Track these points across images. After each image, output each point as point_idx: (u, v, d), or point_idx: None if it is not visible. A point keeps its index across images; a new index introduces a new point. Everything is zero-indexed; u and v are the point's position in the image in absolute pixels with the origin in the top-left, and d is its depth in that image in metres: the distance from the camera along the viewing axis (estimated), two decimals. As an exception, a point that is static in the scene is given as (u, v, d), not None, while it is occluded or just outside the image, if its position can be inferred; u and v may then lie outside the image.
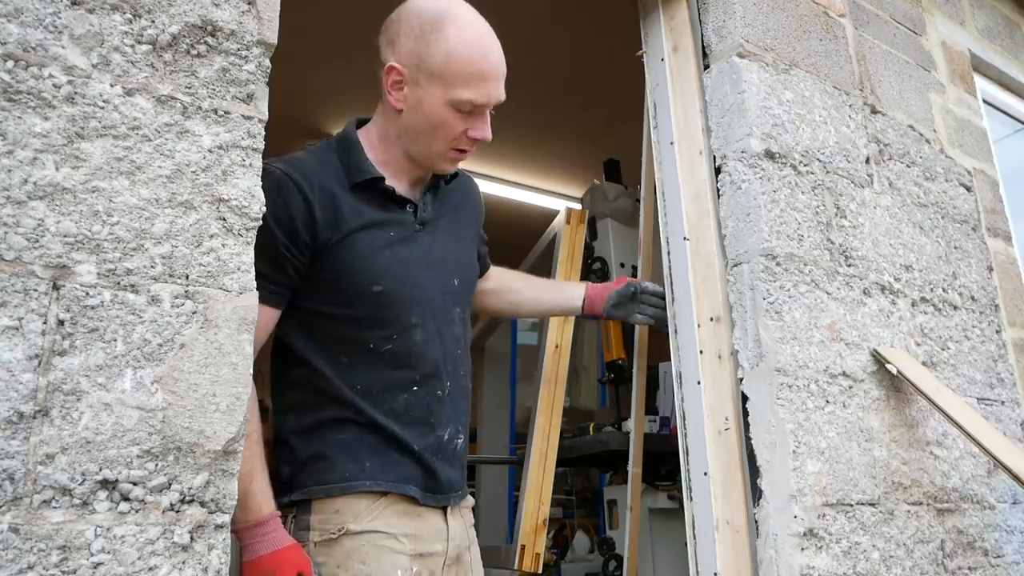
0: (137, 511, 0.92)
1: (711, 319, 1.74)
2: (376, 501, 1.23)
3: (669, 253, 1.85)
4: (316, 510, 1.22)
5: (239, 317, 1.04)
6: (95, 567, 0.88)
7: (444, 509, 1.31)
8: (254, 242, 1.08)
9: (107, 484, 0.91)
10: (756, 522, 1.56)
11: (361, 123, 1.41)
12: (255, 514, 1.13)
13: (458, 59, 1.24)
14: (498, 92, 1.29)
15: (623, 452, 2.46)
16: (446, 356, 1.33)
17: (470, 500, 1.42)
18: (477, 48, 1.26)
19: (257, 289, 1.07)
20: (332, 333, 1.27)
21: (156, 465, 0.94)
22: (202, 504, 0.97)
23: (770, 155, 1.77)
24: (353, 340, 1.27)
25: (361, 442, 1.25)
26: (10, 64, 0.94)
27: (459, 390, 1.36)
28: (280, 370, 1.31)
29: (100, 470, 0.91)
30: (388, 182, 1.32)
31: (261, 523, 1.13)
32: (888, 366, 1.79)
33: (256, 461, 1.14)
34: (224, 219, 1.06)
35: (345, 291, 1.27)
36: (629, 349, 2.79)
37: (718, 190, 1.79)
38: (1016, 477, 1.61)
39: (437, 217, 1.39)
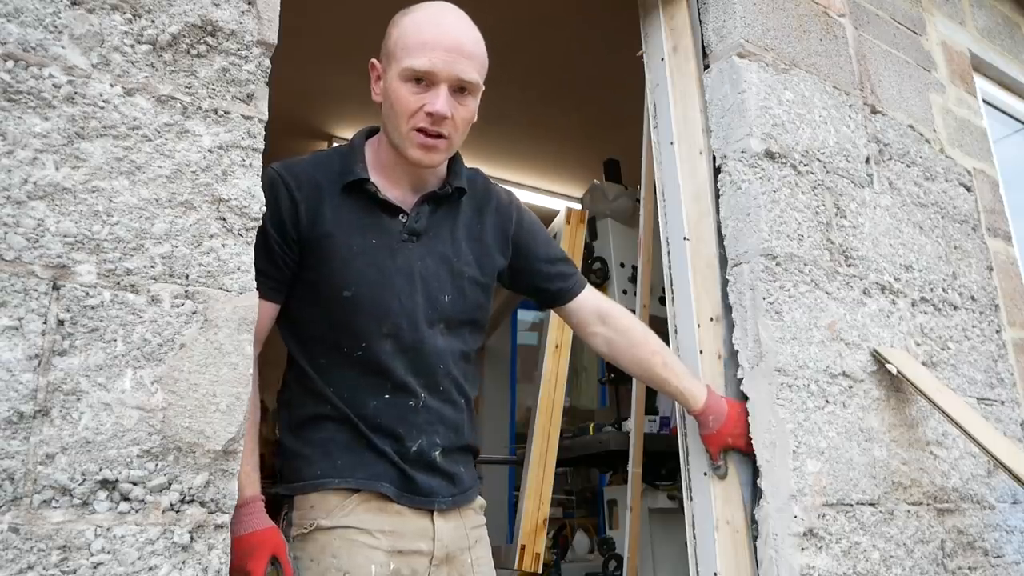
0: (137, 511, 0.92)
1: (711, 319, 1.74)
2: (348, 498, 1.25)
3: (669, 253, 1.85)
4: (296, 505, 1.26)
5: (239, 317, 1.04)
6: (95, 567, 0.88)
7: (430, 511, 1.30)
8: (253, 246, 1.08)
9: (107, 484, 0.91)
10: (756, 522, 1.56)
11: (373, 132, 1.41)
12: (237, 497, 1.14)
13: (406, 33, 1.28)
14: (448, 64, 1.25)
15: (623, 452, 2.46)
16: (421, 369, 1.31)
17: (480, 501, 1.41)
18: (426, 21, 1.28)
19: (257, 285, 1.08)
20: (312, 334, 1.30)
21: (156, 465, 0.94)
22: (202, 504, 0.97)
23: (770, 155, 1.77)
24: (329, 343, 1.29)
25: (336, 440, 1.27)
26: (10, 64, 0.94)
27: (440, 403, 1.33)
28: (285, 370, 1.35)
29: (100, 470, 0.91)
30: (384, 188, 1.32)
31: (241, 505, 1.14)
32: (888, 366, 1.79)
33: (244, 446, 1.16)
34: (224, 219, 1.06)
35: (321, 293, 1.29)
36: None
37: (718, 190, 1.79)
38: (1016, 477, 1.61)
39: (436, 228, 1.37)
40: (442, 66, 1.25)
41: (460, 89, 1.28)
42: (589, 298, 1.57)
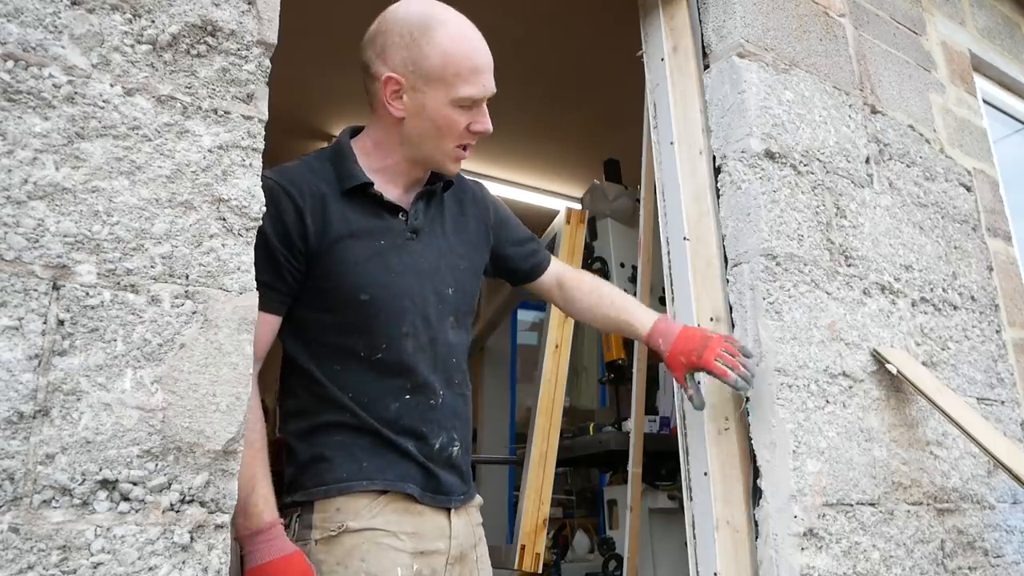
0: (137, 511, 0.92)
1: (711, 319, 1.74)
2: (375, 500, 1.24)
3: (669, 253, 1.85)
4: (318, 509, 1.23)
5: (239, 317, 1.04)
6: (95, 567, 0.88)
7: (448, 509, 1.31)
8: (253, 246, 1.08)
9: (107, 484, 0.91)
10: (756, 522, 1.56)
11: (356, 132, 1.41)
12: (256, 521, 1.13)
13: (454, 58, 1.28)
14: (492, 84, 1.33)
15: (623, 452, 2.46)
16: (438, 365, 1.33)
17: (479, 499, 1.42)
18: (468, 45, 1.30)
19: (261, 299, 1.07)
20: (325, 341, 1.29)
21: (156, 465, 0.94)
22: (202, 504, 0.97)
23: (770, 155, 1.77)
24: (344, 348, 1.28)
25: (359, 443, 1.26)
26: (10, 64, 0.94)
27: (454, 398, 1.35)
28: (284, 376, 1.33)
29: (100, 470, 0.91)
30: (380, 189, 1.33)
31: (263, 530, 1.13)
32: (888, 366, 1.79)
33: (258, 467, 1.15)
34: (224, 219, 1.06)
35: (334, 299, 1.28)
36: (629, 349, 2.79)
37: (718, 190, 1.79)
38: (1016, 477, 1.61)
39: (431, 224, 1.39)
40: (489, 87, 1.32)
41: None
42: (553, 269, 1.65)
